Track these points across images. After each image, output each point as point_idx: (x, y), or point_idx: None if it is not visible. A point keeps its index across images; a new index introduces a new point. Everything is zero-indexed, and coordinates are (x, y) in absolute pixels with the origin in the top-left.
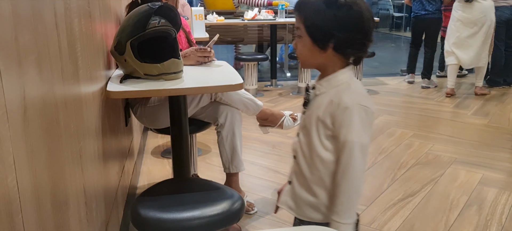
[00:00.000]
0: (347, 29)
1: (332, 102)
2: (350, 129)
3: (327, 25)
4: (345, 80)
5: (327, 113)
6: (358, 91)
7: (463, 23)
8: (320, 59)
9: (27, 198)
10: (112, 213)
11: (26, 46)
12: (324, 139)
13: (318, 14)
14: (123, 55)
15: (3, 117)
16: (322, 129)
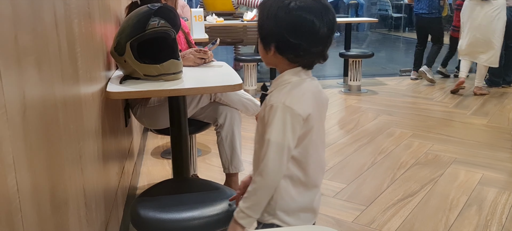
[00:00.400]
0: (289, 34)
1: (266, 102)
2: (271, 128)
3: (271, 27)
4: (289, 82)
5: (262, 112)
6: (291, 93)
7: (478, 21)
8: (269, 59)
9: (27, 198)
10: (112, 213)
11: (25, 47)
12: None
13: (267, 15)
14: (122, 56)
15: (3, 117)
16: (260, 125)
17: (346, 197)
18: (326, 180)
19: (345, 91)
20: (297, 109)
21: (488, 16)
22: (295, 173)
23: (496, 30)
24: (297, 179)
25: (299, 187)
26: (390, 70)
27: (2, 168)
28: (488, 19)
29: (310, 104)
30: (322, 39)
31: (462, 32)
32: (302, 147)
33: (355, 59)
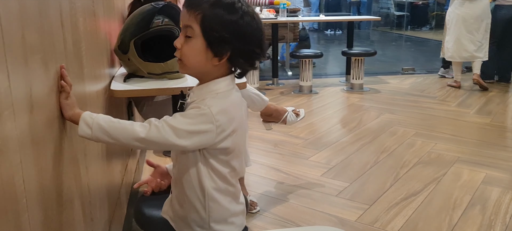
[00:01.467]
0: (245, 40)
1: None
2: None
3: (228, 32)
4: (220, 91)
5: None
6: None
7: (466, 20)
8: (206, 66)
9: (33, 197)
10: (116, 211)
11: (32, 45)
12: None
13: (219, 19)
14: (126, 54)
15: (10, 116)
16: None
17: (349, 196)
18: (329, 179)
19: (347, 89)
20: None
21: (475, 13)
22: (222, 186)
23: (482, 26)
24: (225, 190)
25: (228, 197)
26: (392, 68)
27: (9, 167)
28: (474, 16)
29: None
30: (265, 44)
31: (448, 32)
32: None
33: (357, 57)
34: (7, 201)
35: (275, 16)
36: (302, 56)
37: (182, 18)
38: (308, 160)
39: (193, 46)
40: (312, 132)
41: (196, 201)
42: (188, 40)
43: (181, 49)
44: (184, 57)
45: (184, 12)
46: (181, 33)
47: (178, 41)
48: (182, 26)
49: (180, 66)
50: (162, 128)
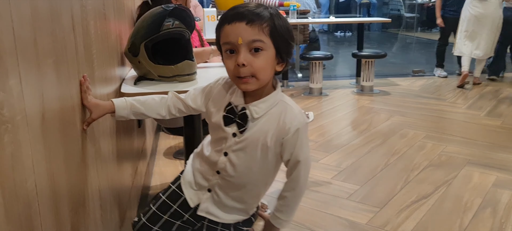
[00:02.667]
0: (293, 41)
1: (281, 128)
2: (302, 149)
3: (290, 37)
4: (281, 99)
5: (276, 138)
6: (297, 109)
7: (478, 18)
8: (272, 75)
9: (45, 201)
10: (126, 214)
11: (44, 49)
12: (270, 162)
13: (283, 26)
14: (137, 57)
15: (23, 121)
16: (269, 153)
17: (360, 199)
18: (339, 182)
19: (357, 91)
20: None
21: (487, 12)
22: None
23: (493, 25)
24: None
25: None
26: (403, 70)
27: (22, 172)
28: (486, 15)
29: None
30: None
31: (460, 29)
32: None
33: (367, 59)
34: (19, 206)
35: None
36: (312, 58)
37: (243, 34)
38: (318, 163)
39: (267, 58)
40: (322, 134)
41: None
42: (258, 54)
43: (251, 66)
44: (261, 72)
45: (244, 27)
46: (242, 50)
47: (242, 59)
48: (245, 42)
49: (251, 85)
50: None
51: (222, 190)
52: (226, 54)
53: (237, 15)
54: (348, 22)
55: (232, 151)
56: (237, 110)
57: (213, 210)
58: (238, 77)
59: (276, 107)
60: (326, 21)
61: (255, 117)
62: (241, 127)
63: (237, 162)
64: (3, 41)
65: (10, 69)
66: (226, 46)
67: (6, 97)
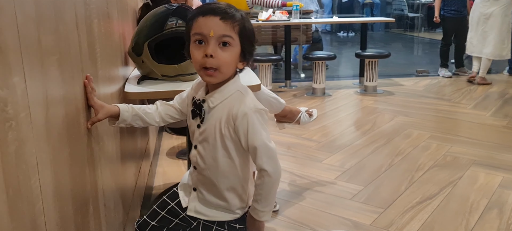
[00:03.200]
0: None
1: (230, 114)
2: (256, 135)
3: (254, 40)
4: (237, 89)
5: (228, 125)
6: (251, 98)
7: (487, 18)
8: (233, 71)
9: (49, 200)
10: (129, 214)
11: (48, 47)
12: (230, 150)
13: (251, 29)
14: (140, 57)
15: (27, 118)
16: (226, 140)
17: (364, 200)
18: (343, 182)
19: (361, 92)
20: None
21: (495, 11)
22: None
23: (503, 24)
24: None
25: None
26: (406, 70)
27: (26, 170)
28: (495, 14)
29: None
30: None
31: (470, 28)
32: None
33: (371, 59)
34: (24, 204)
35: (288, 18)
36: (315, 58)
37: (216, 28)
38: (322, 163)
39: (233, 54)
40: (325, 134)
41: (239, 189)
42: (226, 48)
43: (215, 58)
44: (225, 66)
45: (218, 22)
46: (212, 42)
47: (211, 50)
48: (216, 35)
49: (213, 78)
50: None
51: (203, 186)
52: (194, 44)
53: (212, 10)
54: (351, 22)
55: (199, 143)
56: (198, 103)
57: (200, 208)
58: (204, 68)
59: (231, 97)
60: (329, 21)
61: (211, 107)
62: (200, 117)
63: (204, 153)
64: (7, 38)
65: (14, 66)
66: (197, 36)
67: (9, 94)
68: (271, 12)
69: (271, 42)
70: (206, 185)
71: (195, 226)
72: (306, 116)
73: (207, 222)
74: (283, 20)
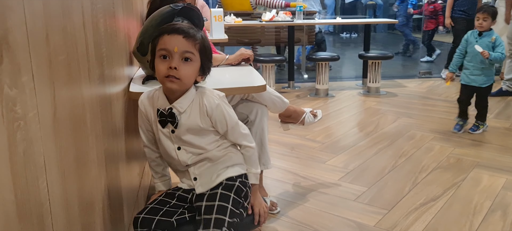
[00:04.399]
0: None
1: (202, 111)
2: (230, 116)
3: (211, 57)
4: (195, 91)
5: (204, 119)
6: (208, 89)
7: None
8: (192, 83)
9: (57, 200)
10: (134, 213)
11: (56, 46)
12: (210, 136)
13: (209, 48)
14: (145, 56)
15: (35, 117)
16: (208, 128)
17: (367, 201)
18: (347, 183)
19: (364, 93)
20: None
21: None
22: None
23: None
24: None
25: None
26: (409, 72)
27: (34, 170)
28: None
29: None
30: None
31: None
32: None
33: (374, 60)
34: (31, 204)
35: (291, 19)
36: (318, 59)
37: (179, 45)
38: (325, 164)
39: (192, 67)
40: (328, 135)
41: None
42: (187, 63)
43: (179, 70)
44: (185, 77)
45: (181, 40)
46: (176, 57)
47: (175, 63)
48: (180, 51)
49: (174, 84)
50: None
51: (202, 172)
52: (159, 59)
53: (177, 29)
54: (354, 23)
55: (182, 143)
56: (166, 112)
57: (208, 185)
58: (166, 77)
59: (195, 99)
60: (333, 22)
61: (181, 111)
62: (174, 123)
63: (191, 149)
64: (16, 37)
65: (23, 65)
66: (162, 52)
67: (18, 94)
68: (274, 13)
69: (274, 43)
70: (205, 168)
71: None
72: (311, 116)
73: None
74: (286, 21)
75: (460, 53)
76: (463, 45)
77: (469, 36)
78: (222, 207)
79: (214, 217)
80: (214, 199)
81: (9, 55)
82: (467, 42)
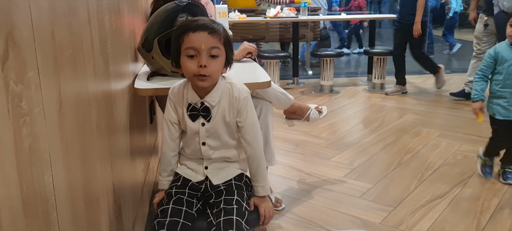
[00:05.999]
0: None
1: (231, 102)
2: (253, 113)
3: (233, 48)
4: (223, 83)
5: (231, 112)
6: (236, 81)
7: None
8: (220, 76)
9: (62, 196)
10: (139, 210)
11: (61, 42)
12: (233, 130)
13: (230, 40)
14: (150, 52)
15: (40, 113)
16: (230, 124)
17: (373, 198)
18: (352, 180)
19: (369, 89)
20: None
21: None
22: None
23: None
24: None
25: None
26: (416, 68)
27: (40, 166)
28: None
29: None
30: None
31: None
32: None
33: (380, 57)
34: (37, 200)
35: (296, 15)
36: (323, 55)
37: (206, 42)
38: (330, 161)
39: (220, 62)
40: (333, 132)
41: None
42: (214, 59)
43: (208, 67)
44: (215, 72)
45: (207, 36)
46: (204, 54)
47: (204, 61)
48: (207, 48)
49: (205, 82)
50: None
51: (215, 164)
52: (186, 57)
53: (201, 26)
54: (360, 18)
55: (206, 138)
56: (198, 106)
57: (222, 178)
58: (197, 75)
59: (224, 90)
60: (337, 18)
61: (213, 105)
62: (206, 117)
63: (213, 144)
64: (21, 32)
65: (29, 61)
66: (189, 51)
67: (24, 90)
68: (279, 9)
69: (279, 39)
70: (218, 162)
71: (217, 192)
72: (316, 112)
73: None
74: (291, 17)
75: (483, 76)
76: (488, 64)
77: (501, 51)
78: (237, 200)
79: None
80: (230, 189)
81: (14, 50)
82: (497, 60)
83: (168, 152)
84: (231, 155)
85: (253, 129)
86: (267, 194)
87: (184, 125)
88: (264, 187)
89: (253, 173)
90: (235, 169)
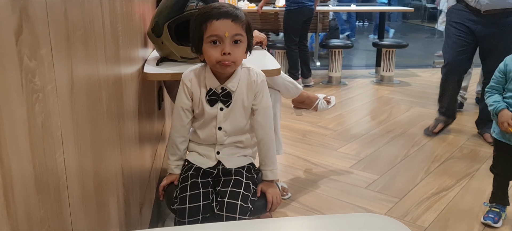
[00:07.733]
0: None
1: (249, 86)
2: (268, 96)
3: (253, 34)
4: (242, 67)
5: (249, 95)
6: (253, 66)
7: None
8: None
9: (73, 175)
10: (146, 195)
11: (74, 22)
12: (247, 114)
13: (251, 24)
14: (160, 38)
15: (53, 91)
16: (246, 109)
17: (379, 189)
18: (358, 171)
19: (377, 81)
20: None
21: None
22: None
23: None
24: None
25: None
26: (423, 61)
27: (52, 143)
28: None
29: None
30: None
31: None
32: None
33: (388, 49)
34: (49, 176)
35: None
36: (332, 47)
37: (229, 29)
38: (337, 151)
39: (242, 48)
40: (340, 123)
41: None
42: (237, 45)
43: (232, 54)
44: (238, 59)
45: (230, 24)
46: (227, 41)
47: (228, 48)
48: (230, 35)
49: (229, 68)
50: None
51: (227, 149)
52: (210, 44)
53: (224, 13)
54: (369, 10)
55: (223, 122)
56: (219, 91)
57: (232, 164)
58: (220, 62)
59: (242, 76)
60: (347, 9)
61: (233, 90)
62: (226, 102)
63: (229, 129)
64: (35, 8)
65: (42, 37)
66: (213, 37)
67: (37, 66)
68: None
69: None
70: (229, 147)
71: (227, 177)
72: (324, 102)
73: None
74: None
75: (494, 90)
76: (498, 78)
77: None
78: (247, 184)
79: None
80: (240, 175)
81: (28, 26)
82: (507, 74)
83: (178, 137)
84: (244, 138)
85: (266, 112)
86: (275, 179)
87: (201, 109)
88: (273, 171)
89: (263, 156)
90: (246, 157)
